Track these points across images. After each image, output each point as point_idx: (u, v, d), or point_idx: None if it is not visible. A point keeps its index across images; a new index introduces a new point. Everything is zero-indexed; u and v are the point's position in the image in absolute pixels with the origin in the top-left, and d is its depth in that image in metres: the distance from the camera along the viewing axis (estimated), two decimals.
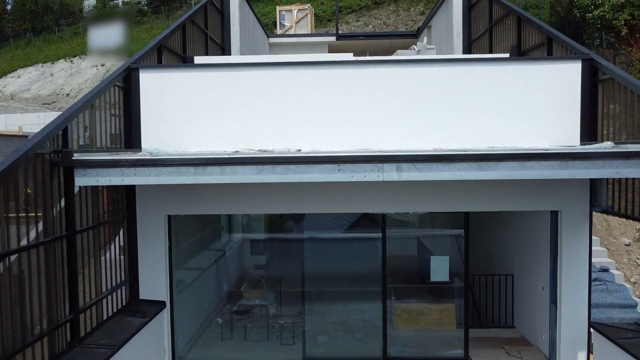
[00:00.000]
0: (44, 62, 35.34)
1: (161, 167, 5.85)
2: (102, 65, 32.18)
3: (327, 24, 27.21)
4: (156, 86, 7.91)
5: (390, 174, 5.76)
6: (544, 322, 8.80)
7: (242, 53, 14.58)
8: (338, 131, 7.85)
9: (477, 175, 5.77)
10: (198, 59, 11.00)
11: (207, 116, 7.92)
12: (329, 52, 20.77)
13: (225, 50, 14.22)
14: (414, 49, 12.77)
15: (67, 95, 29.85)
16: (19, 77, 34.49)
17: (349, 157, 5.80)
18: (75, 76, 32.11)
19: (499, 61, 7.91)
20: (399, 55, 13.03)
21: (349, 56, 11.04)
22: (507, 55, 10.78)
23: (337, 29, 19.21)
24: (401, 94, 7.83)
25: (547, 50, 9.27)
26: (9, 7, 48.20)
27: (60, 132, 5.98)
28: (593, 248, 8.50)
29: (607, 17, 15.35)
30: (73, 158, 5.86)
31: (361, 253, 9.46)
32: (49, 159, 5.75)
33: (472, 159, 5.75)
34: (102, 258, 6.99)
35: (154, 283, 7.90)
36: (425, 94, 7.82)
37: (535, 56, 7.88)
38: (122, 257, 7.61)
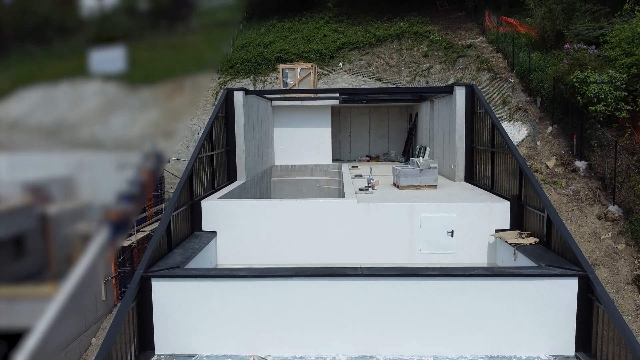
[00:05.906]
0: (46, 82, 35.18)
1: None
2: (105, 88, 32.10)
3: (330, 62, 27.06)
4: (167, 293, 8.25)
5: None
6: None
7: (246, 151, 14.80)
8: (342, 336, 8.21)
9: None
10: (204, 205, 11.27)
11: (216, 320, 8.26)
12: (332, 114, 20.90)
13: (230, 154, 14.44)
14: (417, 165, 12.92)
15: (71, 126, 29.90)
16: (20, 100, 34.42)
17: None
18: (78, 103, 32.06)
19: (499, 277, 8.19)
20: (396, 172, 13.26)
21: (353, 203, 11.28)
22: (508, 228, 11.00)
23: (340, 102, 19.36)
24: (403, 303, 8.17)
25: (547, 225, 9.56)
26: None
27: None
28: None
29: (610, 109, 15.37)
30: None
31: None
32: None
33: None
34: None
35: None
36: (426, 302, 8.15)
37: (532, 272, 8.18)
38: None
